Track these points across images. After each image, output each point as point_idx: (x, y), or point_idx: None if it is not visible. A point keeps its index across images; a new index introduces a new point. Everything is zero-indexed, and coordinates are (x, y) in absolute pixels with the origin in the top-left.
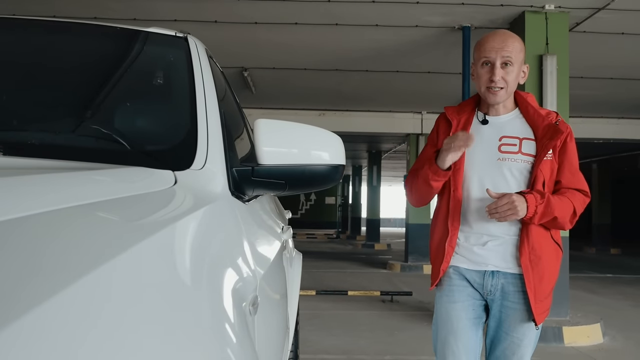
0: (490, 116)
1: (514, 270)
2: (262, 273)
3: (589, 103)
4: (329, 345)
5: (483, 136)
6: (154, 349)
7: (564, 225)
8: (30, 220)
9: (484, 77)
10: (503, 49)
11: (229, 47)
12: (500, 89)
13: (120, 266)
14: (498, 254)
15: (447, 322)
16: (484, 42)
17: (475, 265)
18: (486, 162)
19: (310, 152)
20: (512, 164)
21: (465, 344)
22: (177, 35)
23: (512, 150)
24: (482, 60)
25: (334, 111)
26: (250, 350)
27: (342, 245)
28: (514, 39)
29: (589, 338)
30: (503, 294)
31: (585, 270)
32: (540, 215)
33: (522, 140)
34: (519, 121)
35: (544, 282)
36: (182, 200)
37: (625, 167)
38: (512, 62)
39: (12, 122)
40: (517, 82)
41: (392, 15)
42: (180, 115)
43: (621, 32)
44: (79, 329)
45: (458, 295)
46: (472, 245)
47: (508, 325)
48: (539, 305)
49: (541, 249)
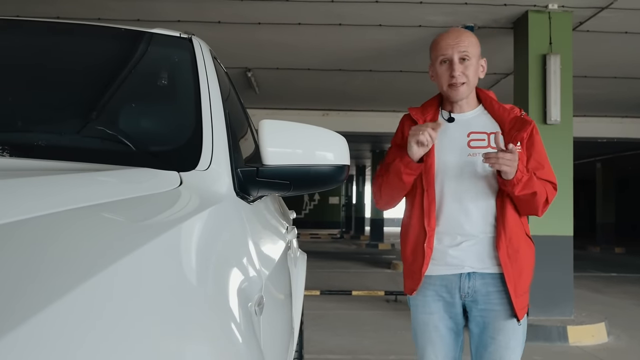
0: (455, 114)
1: (491, 269)
2: (268, 273)
3: (592, 102)
4: (333, 345)
5: (451, 134)
6: (161, 349)
7: (537, 207)
8: (36, 222)
9: (444, 75)
10: (458, 44)
11: (232, 48)
12: (462, 84)
13: (126, 267)
14: (473, 254)
15: (425, 332)
16: (438, 40)
17: (451, 268)
18: (457, 158)
19: (315, 152)
20: (482, 159)
21: (445, 353)
22: (181, 36)
23: (481, 145)
24: (440, 59)
25: (337, 111)
26: (257, 350)
27: (345, 245)
28: (467, 34)
29: (593, 337)
30: (483, 296)
31: (589, 270)
32: (522, 185)
33: (489, 134)
34: (484, 117)
35: (523, 277)
36: (188, 201)
37: (630, 166)
38: (469, 57)
39: (18, 123)
40: (477, 77)
41: (396, 15)
42: (185, 116)
43: (624, 31)
44: (86, 328)
45: (434, 307)
46: (446, 247)
47: (493, 329)
48: (519, 300)
49: (518, 243)
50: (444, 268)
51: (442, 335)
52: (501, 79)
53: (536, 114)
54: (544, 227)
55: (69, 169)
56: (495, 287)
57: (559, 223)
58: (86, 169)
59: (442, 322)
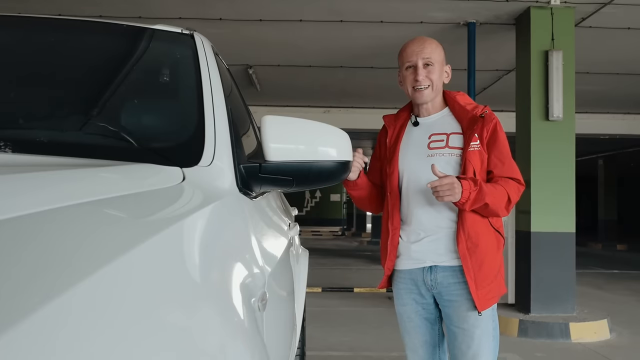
0: (421, 117)
1: (450, 262)
2: (270, 270)
3: (594, 99)
4: (335, 341)
5: (415, 137)
6: (165, 344)
7: (497, 212)
8: (39, 217)
9: (408, 79)
10: (422, 51)
11: (234, 45)
12: (425, 88)
13: (129, 262)
14: (433, 248)
15: (401, 322)
16: (404, 48)
17: (415, 263)
18: (418, 160)
19: (317, 148)
20: (440, 158)
21: (421, 339)
22: (183, 32)
23: (439, 146)
24: (406, 65)
25: (338, 108)
26: (260, 346)
27: (347, 242)
28: (431, 42)
29: (595, 334)
30: (445, 288)
31: (591, 267)
32: (472, 202)
33: (449, 135)
34: (448, 119)
35: (484, 268)
36: (191, 197)
37: (632, 163)
38: (432, 63)
39: (20, 119)
40: (442, 82)
41: (397, 11)
42: (187, 112)
43: (627, 27)
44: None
45: (406, 298)
46: (411, 242)
47: (457, 318)
48: (482, 292)
49: (477, 237)
50: (409, 262)
51: (417, 324)
52: (503, 76)
53: (538, 111)
54: (545, 224)
55: (71, 165)
56: (456, 278)
57: (561, 220)
58: (89, 165)
59: (415, 313)
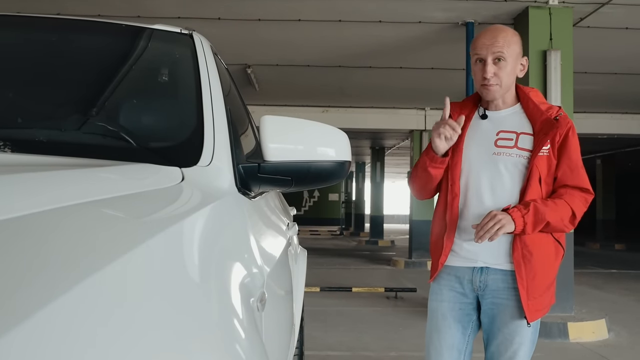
0: (490, 111)
1: (503, 266)
2: (269, 269)
3: (593, 98)
4: (333, 341)
5: (482, 131)
6: (163, 345)
7: (562, 229)
8: (38, 218)
9: (477, 75)
10: (493, 44)
11: (232, 44)
12: (493, 85)
13: (128, 263)
14: (488, 250)
15: (433, 319)
16: (476, 39)
17: (465, 261)
18: (482, 156)
19: (316, 148)
20: (507, 159)
21: (448, 341)
22: (182, 32)
23: (507, 145)
24: (475, 58)
25: (337, 108)
26: (259, 346)
27: (345, 242)
28: (505, 34)
29: (594, 334)
30: (493, 291)
31: (589, 266)
32: (531, 225)
33: (519, 134)
34: (518, 116)
35: (537, 279)
36: (190, 197)
37: (630, 163)
38: (504, 58)
39: (19, 119)
40: (514, 77)
41: (396, 11)
42: (186, 112)
43: (625, 27)
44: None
45: (446, 294)
46: (463, 240)
47: (500, 321)
48: (533, 302)
49: (534, 246)
50: (459, 260)
51: (449, 324)
52: None
53: None
54: None
55: (70, 165)
56: (506, 283)
57: None
58: (88, 165)
59: (450, 312)
